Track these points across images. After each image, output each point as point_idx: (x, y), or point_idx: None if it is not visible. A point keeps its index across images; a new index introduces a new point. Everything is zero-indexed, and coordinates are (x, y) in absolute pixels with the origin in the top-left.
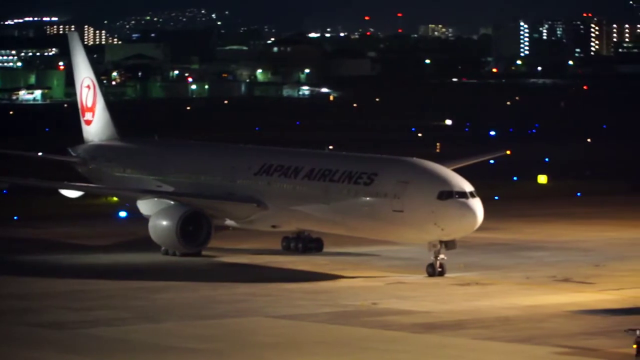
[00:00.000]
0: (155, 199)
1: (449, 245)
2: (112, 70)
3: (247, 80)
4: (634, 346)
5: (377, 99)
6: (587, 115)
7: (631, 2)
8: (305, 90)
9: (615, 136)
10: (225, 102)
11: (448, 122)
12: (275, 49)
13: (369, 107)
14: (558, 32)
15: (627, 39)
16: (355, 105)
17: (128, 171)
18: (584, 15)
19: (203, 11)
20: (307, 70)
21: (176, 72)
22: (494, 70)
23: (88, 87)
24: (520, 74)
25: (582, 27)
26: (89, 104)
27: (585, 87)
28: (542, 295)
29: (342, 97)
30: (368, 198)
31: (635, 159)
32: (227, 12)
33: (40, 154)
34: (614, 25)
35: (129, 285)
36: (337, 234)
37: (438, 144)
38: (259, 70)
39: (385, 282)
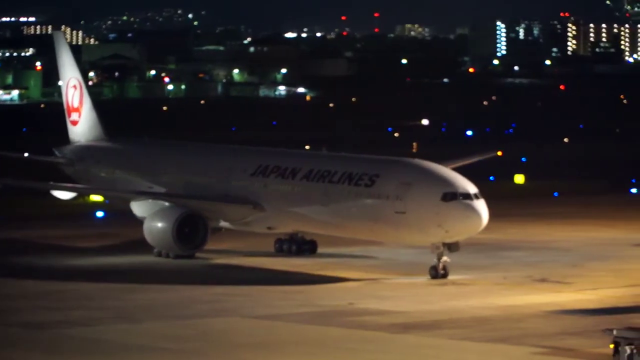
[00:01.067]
0: (150, 200)
1: (452, 247)
2: (89, 71)
3: (224, 81)
4: (611, 346)
5: (353, 99)
6: (564, 115)
7: (608, 2)
8: (281, 90)
9: (592, 136)
10: (202, 102)
11: (425, 122)
12: (252, 49)
13: (346, 107)
14: (535, 32)
15: (604, 39)
16: (331, 105)
17: (118, 172)
18: (561, 14)
19: (180, 11)
20: (283, 71)
21: (153, 72)
22: (471, 70)
23: (74, 87)
24: (497, 74)
25: (559, 26)
26: (75, 104)
27: (562, 87)
28: (519, 295)
29: (319, 97)
30: (369, 200)
31: (612, 158)
32: (203, 12)
33: (26, 154)
34: (591, 25)
35: (107, 286)
36: (335, 236)
37: (414, 143)
38: (236, 71)
39: (363, 282)
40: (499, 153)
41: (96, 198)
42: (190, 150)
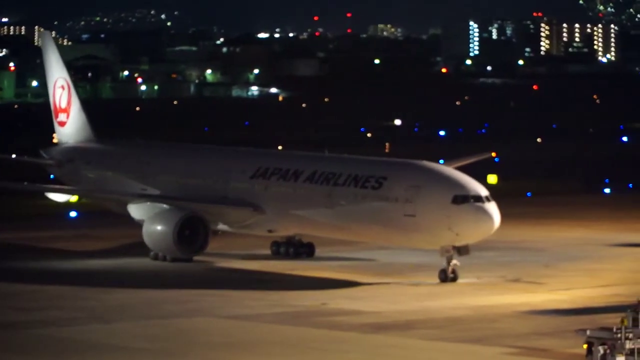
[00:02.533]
0: (149, 202)
1: (462, 250)
2: None
3: (197, 81)
4: (584, 346)
5: (326, 99)
6: (537, 114)
7: (581, 2)
8: (254, 90)
9: (566, 136)
10: (175, 102)
11: (397, 122)
12: (225, 49)
13: (318, 107)
14: (508, 32)
15: (577, 39)
16: (304, 105)
17: (110, 174)
18: (534, 14)
19: (152, 12)
20: (256, 71)
21: (126, 72)
22: (444, 70)
23: (62, 87)
24: (469, 74)
25: (532, 26)
26: (63, 105)
27: (535, 87)
28: (492, 296)
29: (291, 97)
30: (377, 202)
31: (585, 158)
32: (176, 13)
33: (13, 155)
34: (564, 25)
35: (81, 286)
36: (338, 239)
37: (387, 144)
38: (208, 71)
39: (337, 282)
40: (493, 154)
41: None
42: (185, 151)
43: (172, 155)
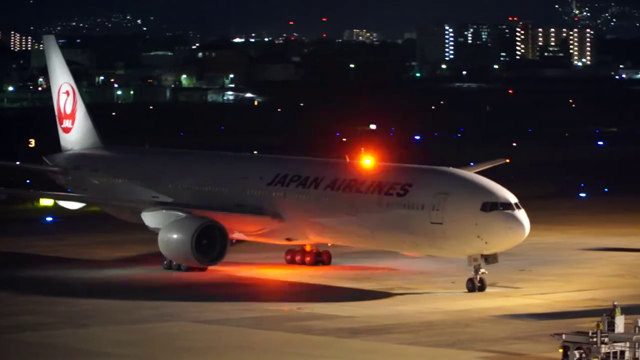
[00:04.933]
0: (164, 210)
1: (490, 259)
2: (39, 76)
3: (172, 86)
4: (560, 350)
5: (301, 104)
6: (513, 119)
7: (557, 6)
8: (230, 95)
9: (541, 140)
10: (151, 107)
11: (372, 126)
12: (200, 54)
13: (294, 111)
14: (483, 36)
15: (552, 43)
16: (279, 109)
17: (119, 181)
18: (510, 19)
19: (129, 17)
20: (231, 75)
21: (102, 77)
22: (419, 74)
23: (67, 93)
24: (445, 78)
25: (507, 30)
26: (68, 111)
27: (510, 91)
28: (467, 300)
29: (267, 102)
30: (402, 210)
31: (561, 162)
32: (152, 18)
33: (17, 162)
34: (540, 29)
35: (55, 291)
36: (364, 248)
37: (362, 148)
38: (184, 76)
39: (311, 287)
40: (508, 160)
41: (46, 202)
42: (199, 158)
43: (186, 162)
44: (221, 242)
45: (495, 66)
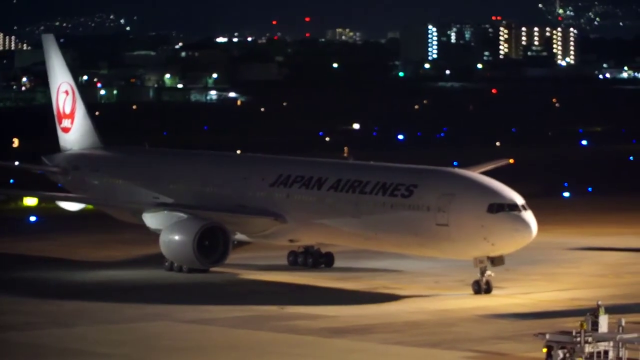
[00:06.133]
0: (166, 211)
1: (496, 261)
2: (22, 76)
3: (155, 85)
4: (544, 350)
5: (284, 103)
6: (496, 118)
7: (540, 5)
8: (213, 94)
9: (525, 139)
10: (134, 107)
11: (356, 126)
12: (183, 53)
13: (277, 111)
14: (466, 36)
15: (536, 42)
16: (262, 109)
17: (120, 181)
18: (493, 18)
19: (112, 16)
20: (214, 75)
21: (85, 77)
22: (402, 73)
23: (66, 92)
24: (428, 78)
25: (490, 30)
26: (67, 111)
27: (494, 91)
28: (451, 300)
29: (250, 102)
30: (407, 211)
31: (544, 162)
32: (135, 18)
33: (16, 163)
34: (523, 29)
35: (40, 291)
36: (368, 250)
37: (345, 148)
38: (167, 75)
39: (294, 286)
40: (511, 161)
41: (29, 202)
42: (200, 158)
43: (187, 162)
44: (224, 243)
45: (479, 65)
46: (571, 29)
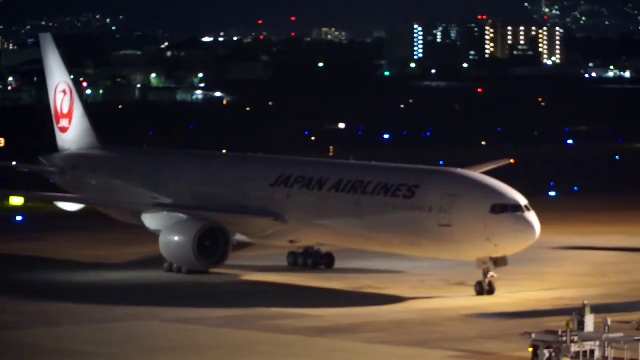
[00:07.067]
0: (165, 212)
1: (499, 262)
2: (8, 76)
3: (141, 85)
4: (530, 349)
5: (270, 103)
6: (482, 118)
7: (526, 5)
8: (199, 94)
9: (511, 139)
10: (120, 106)
11: (341, 125)
12: (169, 53)
13: (263, 110)
14: (452, 35)
15: (522, 42)
16: (248, 109)
17: (118, 182)
18: (479, 17)
19: (98, 16)
20: (200, 75)
21: (71, 77)
22: (388, 73)
23: (64, 92)
24: (414, 77)
25: (476, 29)
26: (65, 110)
27: (480, 90)
28: (437, 299)
29: (236, 101)
30: (409, 212)
31: (530, 161)
32: (121, 17)
33: (14, 163)
34: (509, 28)
35: (25, 290)
36: (370, 251)
37: (331, 147)
38: (153, 75)
39: (281, 285)
40: (512, 161)
41: (16, 202)
42: (200, 158)
43: (186, 162)
44: (224, 244)
45: (465, 65)
46: (557, 28)
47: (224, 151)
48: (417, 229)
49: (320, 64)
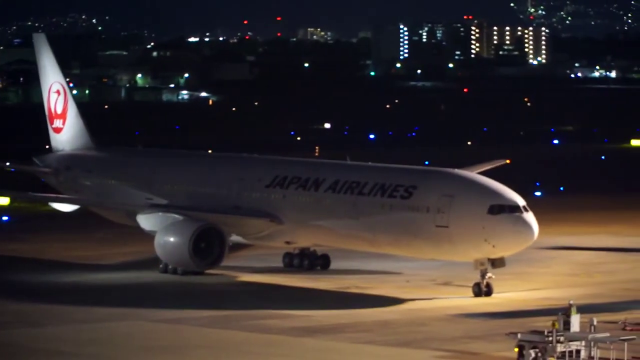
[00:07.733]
0: (161, 213)
1: (496, 263)
2: None
3: (127, 85)
4: (515, 349)
5: (256, 103)
6: (468, 118)
7: (512, 5)
8: (184, 94)
9: (496, 139)
10: (106, 106)
11: (327, 125)
12: (155, 53)
13: (248, 110)
14: (438, 35)
15: (507, 41)
16: (234, 109)
17: (112, 182)
18: (465, 17)
19: (84, 16)
20: (186, 75)
21: None
22: (373, 73)
23: (57, 92)
24: (399, 77)
25: (462, 29)
26: (59, 111)
27: (465, 90)
28: (422, 299)
29: (222, 101)
30: (406, 213)
31: (516, 161)
32: (107, 17)
33: (7, 163)
34: (495, 28)
35: (10, 291)
36: (365, 252)
37: (317, 147)
38: (139, 75)
39: (269, 286)
40: (508, 161)
41: (1, 202)
42: (195, 159)
43: (181, 163)
44: (219, 245)
45: (450, 65)
46: (543, 28)
47: (209, 151)
48: (414, 230)
49: (306, 64)
